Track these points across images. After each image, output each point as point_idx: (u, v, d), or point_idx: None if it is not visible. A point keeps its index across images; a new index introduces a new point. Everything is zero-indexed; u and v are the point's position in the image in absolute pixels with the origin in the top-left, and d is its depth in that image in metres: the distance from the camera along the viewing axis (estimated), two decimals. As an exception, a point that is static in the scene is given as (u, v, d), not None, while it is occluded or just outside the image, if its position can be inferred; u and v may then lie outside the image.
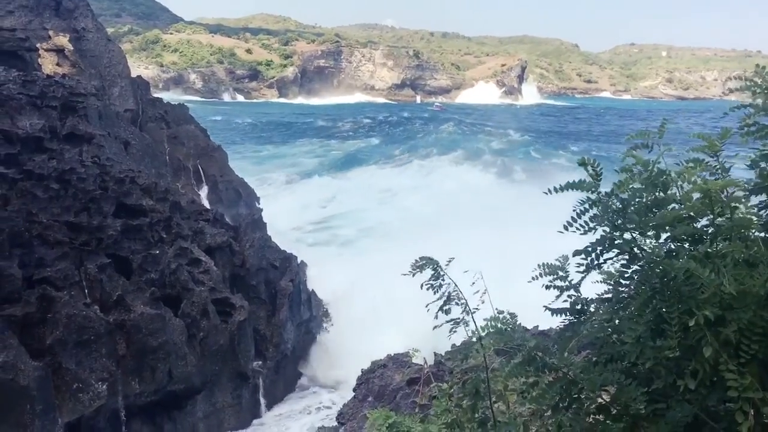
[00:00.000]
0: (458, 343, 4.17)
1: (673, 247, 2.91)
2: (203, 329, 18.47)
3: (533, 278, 3.31)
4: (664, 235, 2.92)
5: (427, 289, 3.74)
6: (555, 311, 3.27)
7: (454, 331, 3.82)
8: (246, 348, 19.91)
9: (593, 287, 3.18)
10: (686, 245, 2.91)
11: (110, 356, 15.99)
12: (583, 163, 3.07)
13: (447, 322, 3.81)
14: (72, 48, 33.69)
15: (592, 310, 3.21)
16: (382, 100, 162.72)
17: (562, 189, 3.10)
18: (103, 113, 26.08)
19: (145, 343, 16.70)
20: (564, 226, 3.05)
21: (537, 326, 8.97)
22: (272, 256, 23.07)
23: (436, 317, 3.66)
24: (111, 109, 27.72)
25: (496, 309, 3.67)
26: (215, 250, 21.30)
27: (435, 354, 9.45)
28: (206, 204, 27.40)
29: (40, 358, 14.81)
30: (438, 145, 67.87)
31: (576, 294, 3.27)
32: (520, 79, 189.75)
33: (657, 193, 2.93)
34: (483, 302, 3.82)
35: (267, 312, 21.97)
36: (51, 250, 16.79)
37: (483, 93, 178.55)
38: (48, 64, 32.99)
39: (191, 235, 20.91)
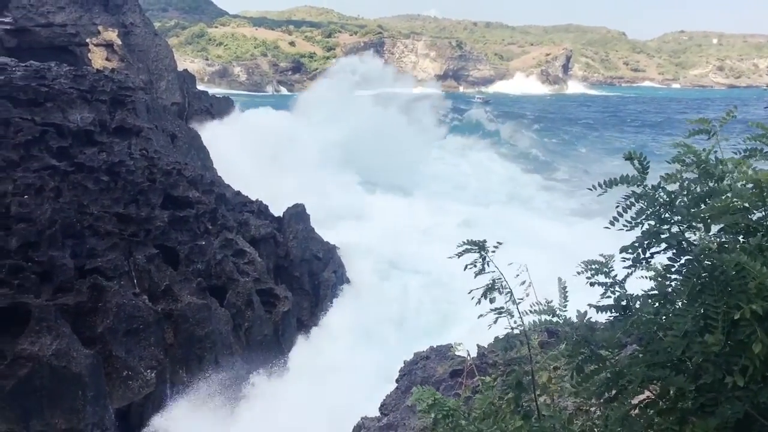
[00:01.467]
0: (501, 335, 4.14)
1: (723, 239, 2.84)
2: (248, 319, 18.74)
3: (578, 273, 3.27)
4: (714, 228, 2.85)
5: (474, 274, 3.72)
6: (600, 308, 3.22)
7: (496, 321, 3.79)
8: (290, 338, 20.15)
9: (639, 283, 3.12)
10: (738, 238, 2.83)
11: (158, 345, 16.36)
12: (629, 158, 3.01)
13: (491, 311, 3.79)
14: (120, 43, 34.41)
15: (638, 306, 3.15)
16: (429, 90, 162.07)
17: (608, 185, 3.05)
18: (150, 106, 26.56)
19: (192, 332, 17.02)
20: (610, 221, 3.01)
21: (589, 318, 8.83)
22: (315, 248, 23.27)
23: (479, 303, 3.64)
24: (158, 103, 28.23)
25: (538, 302, 3.63)
26: (259, 242, 21.58)
27: (478, 346, 9.42)
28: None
29: (91, 346, 15.23)
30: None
31: (621, 290, 3.21)
32: (565, 68, 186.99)
33: (710, 184, 2.86)
34: (527, 295, 3.78)
35: (310, 303, 22.18)
36: (101, 240, 17.23)
37: (526, 83, 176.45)
38: (97, 59, 33.77)
39: (236, 227, 21.22)
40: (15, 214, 16.78)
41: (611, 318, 3.18)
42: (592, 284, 3.24)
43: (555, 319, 3.45)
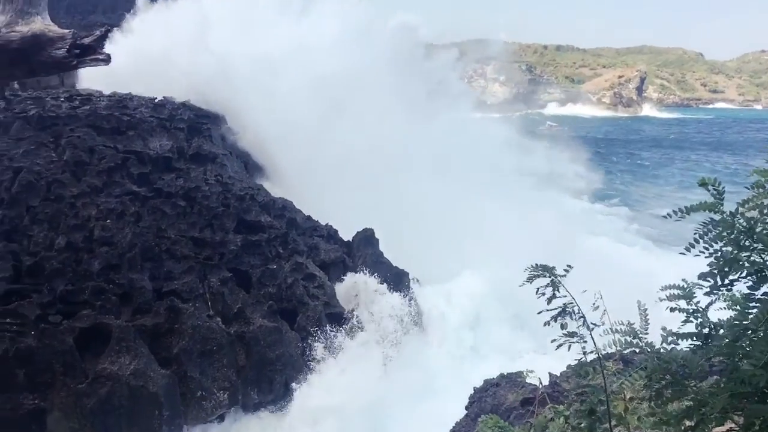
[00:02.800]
0: (574, 363, 4.04)
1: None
2: (318, 343, 18.88)
3: (659, 300, 3.19)
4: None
5: (547, 300, 3.67)
6: (680, 336, 3.12)
7: (569, 348, 3.72)
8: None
9: (720, 312, 3.02)
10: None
11: (231, 366, 16.67)
12: (703, 183, 2.94)
13: (562, 335, 3.72)
14: (198, 73, 35.58)
15: (720, 334, 3.04)
16: (495, 115, 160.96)
17: (683, 212, 2.98)
18: (224, 133, 27.41)
19: (263, 354, 17.28)
20: (686, 247, 2.93)
21: (673, 348, 8.52)
22: (384, 272, 23.31)
23: (547, 324, 3.58)
24: (232, 129, 29.03)
25: (620, 321, 3.54)
26: (329, 266, 21.79)
27: (550, 374, 9.22)
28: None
29: (167, 367, 15.66)
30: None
31: (703, 318, 3.11)
32: (639, 90, 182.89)
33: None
34: (603, 323, 3.71)
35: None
36: (178, 264, 17.77)
37: (598, 106, 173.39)
38: (176, 89, 35.01)
39: (306, 251, 21.51)
40: (98, 237, 17.54)
41: (692, 346, 3.08)
42: (672, 310, 3.15)
43: (636, 341, 3.36)
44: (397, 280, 23.48)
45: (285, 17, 37.41)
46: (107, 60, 5.06)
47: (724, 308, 2.99)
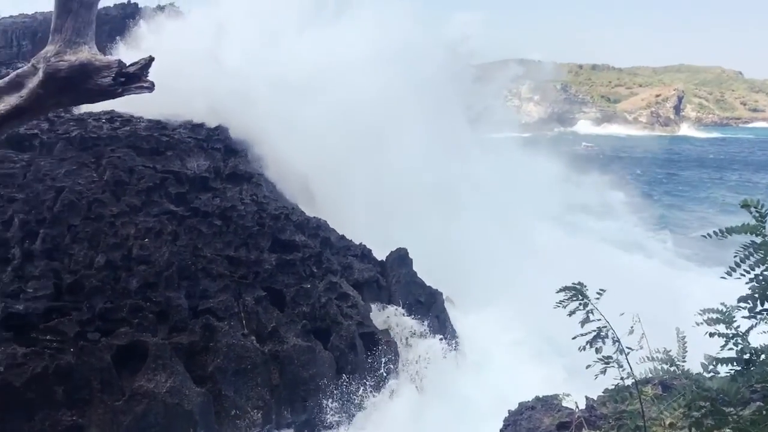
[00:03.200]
0: (611, 386, 3.98)
1: None
2: (351, 362, 18.86)
3: (697, 324, 3.14)
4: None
5: (581, 323, 3.63)
6: (720, 361, 3.06)
7: (604, 372, 3.67)
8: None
9: (762, 337, 2.95)
10: None
11: (265, 385, 16.73)
12: (745, 205, 2.89)
13: (598, 361, 3.67)
14: (234, 94, 36.02)
15: (762, 358, 2.97)
16: (526, 134, 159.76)
17: (723, 233, 2.93)
18: (260, 153, 27.70)
19: (297, 374, 17.31)
20: (727, 271, 2.88)
21: (713, 375, 8.36)
22: (417, 292, 23.24)
23: (582, 349, 3.54)
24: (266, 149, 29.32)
25: (657, 349, 3.49)
26: (363, 285, 21.82)
27: (586, 398, 9.07)
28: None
29: (202, 385, 15.78)
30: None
31: (743, 342, 3.05)
32: (677, 109, 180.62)
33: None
34: (641, 347, 3.66)
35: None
36: (213, 282, 17.97)
37: (635, 126, 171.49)
38: (214, 110, 35.51)
39: (340, 270, 21.58)
40: (136, 256, 17.83)
41: (732, 371, 3.02)
42: (711, 335, 3.09)
43: (673, 369, 3.31)
44: (430, 300, 23.39)
45: (312, 29, 34.73)
46: (151, 87, 5.21)
47: (767, 332, 2.94)
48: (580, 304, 3.62)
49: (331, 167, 28.65)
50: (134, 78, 5.18)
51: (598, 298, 3.65)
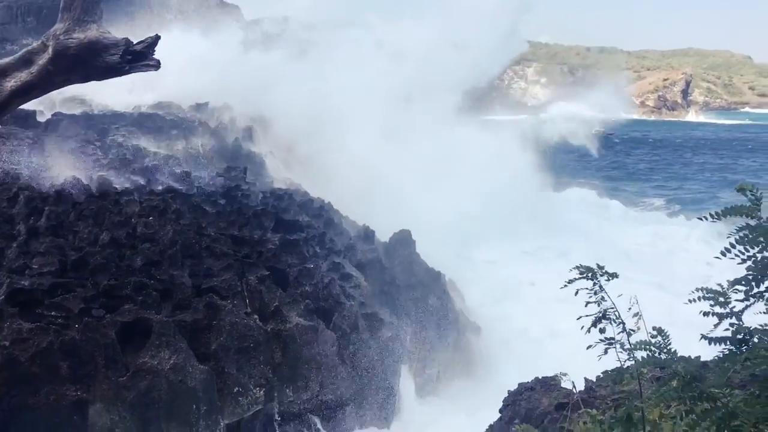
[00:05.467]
0: (608, 368, 4.04)
1: None
2: (353, 342, 19.01)
3: (690, 301, 3.19)
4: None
5: (586, 303, 3.68)
6: (713, 340, 3.11)
7: (606, 352, 3.72)
8: (393, 364, 20.25)
9: (757, 317, 3.00)
10: None
11: (267, 363, 16.87)
12: (741, 189, 2.94)
13: (600, 341, 3.72)
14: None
15: (755, 340, 3.02)
16: (530, 116, 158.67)
17: (718, 215, 2.98)
18: (263, 132, 27.74)
19: (299, 352, 17.46)
20: (721, 252, 2.93)
21: (699, 356, 8.47)
22: (420, 273, 23.36)
23: (588, 332, 3.59)
24: (272, 129, 29.37)
25: (653, 328, 3.54)
26: (366, 266, 21.92)
27: (585, 379, 9.16)
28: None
29: (205, 362, 15.93)
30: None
31: (738, 323, 3.09)
32: (685, 94, 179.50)
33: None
34: (638, 329, 3.70)
35: (414, 329, 22.23)
36: (217, 261, 18.06)
37: (641, 109, 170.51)
38: (218, 89, 35.58)
39: (343, 251, 21.67)
40: (140, 234, 17.93)
41: (724, 350, 3.07)
42: (705, 314, 3.14)
43: (663, 356, 3.36)
44: (433, 280, 23.50)
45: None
46: (157, 66, 5.28)
47: (764, 312, 2.98)
48: (594, 284, 3.66)
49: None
50: (141, 56, 5.24)
51: (608, 280, 3.69)
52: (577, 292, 3.68)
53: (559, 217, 39.85)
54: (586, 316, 3.69)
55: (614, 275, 3.70)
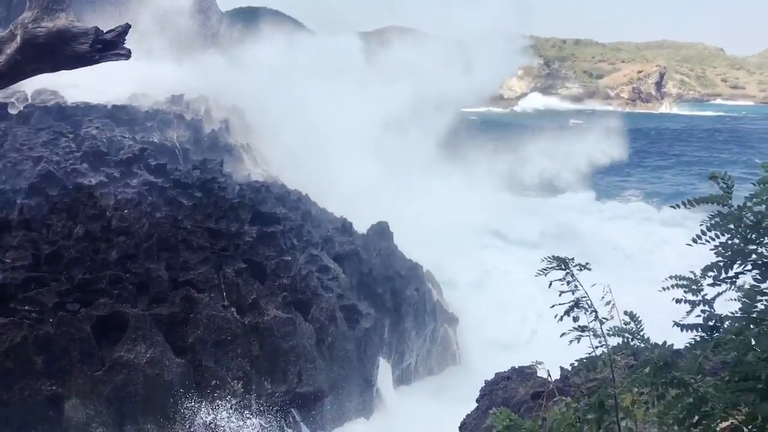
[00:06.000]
0: (583, 356, 4.08)
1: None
2: (331, 334, 19.02)
3: (663, 289, 3.22)
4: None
5: (558, 290, 3.71)
6: (685, 327, 3.16)
7: (579, 340, 3.76)
8: (372, 355, 20.30)
9: (728, 304, 3.05)
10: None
11: (245, 356, 16.82)
12: (713, 177, 2.99)
13: (574, 329, 3.76)
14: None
15: (726, 326, 3.07)
16: (504, 110, 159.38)
17: (691, 203, 3.02)
18: (241, 126, 27.56)
19: (277, 345, 17.43)
20: (693, 239, 2.97)
21: (672, 345, 8.57)
22: (398, 265, 23.41)
23: (561, 320, 3.62)
24: (248, 122, 29.19)
25: (624, 312, 3.58)
26: (343, 258, 21.91)
27: (561, 368, 9.25)
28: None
29: (182, 356, 15.85)
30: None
31: (709, 309, 3.14)
32: (659, 86, 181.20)
33: (799, 208, 2.78)
34: (612, 317, 3.74)
35: (392, 320, 22.30)
36: (194, 254, 17.95)
37: (616, 101, 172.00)
38: (194, 81, 35.30)
39: (321, 243, 21.64)
40: (115, 227, 17.75)
41: (696, 337, 3.12)
42: (677, 301, 3.19)
43: (635, 343, 3.40)
44: (411, 273, 23.56)
45: None
46: (128, 55, 5.20)
47: (734, 299, 3.02)
48: (566, 274, 3.69)
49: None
50: (111, 45, 5.16)
51: (580, 270, 3.72)
52: (551, 284, 3.72)
53: (542, 213, 40.44)
54: (560, 304, 3.72)
55: (585, 266, 3.74)
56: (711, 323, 3.13)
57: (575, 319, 3.71)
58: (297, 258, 19.79)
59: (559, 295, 3.75)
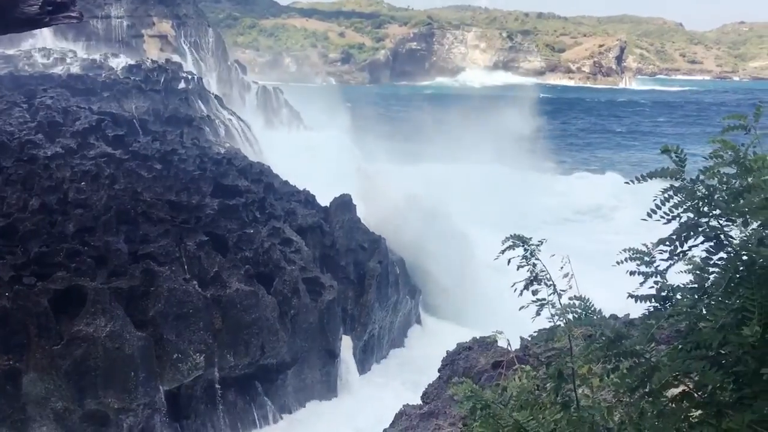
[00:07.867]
0: (544, 327, 4.18)
1: (764, 234, 2.84)
2: (294, 307, 19.03)
3: (618, 263, 3.30)
4: (755, 224, 2.85)
5: (517, 266, 3.77)
6: (639, 298, 3.24)
7: (539, 314, 3.83)
8: (335, 327, 20.39)
9: (680, 276, 3.13)
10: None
11: (207, 329, 16.76)
12: (666, 150, 3.04)
13: (533, 302, 3.83)
14: (174, 34, 35.15)
15: (678, 297, 3.16)
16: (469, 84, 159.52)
17: (644, 178, 3.08)
18: (202, 96, 27.12)
19: (239, 318, 17.39)
20: (648, 213, 3.03)
21: (628, 314, 8.83)
22: (361, 238, 23.44)
23: (521, 295, 3.69)
24: (210, 93, 28.73)
25: (574, 297, 3.66)
26: (306, 231, 21.85)
27: (521, 338, 9.42)
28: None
29: (143, 329, 15.72)
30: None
31: (662, 281, 3.23)
32: (619, 60, 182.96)
33: (749, 180, 2.85)
34: (570, 287, 3.81)
35: (355, 292, 22.39)
36: (154, 227, 17.72)
37: (578, 75, 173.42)
38: (152, 50, 34.57)
39: (283, 216, 21.54)
40: (72, 200, 17.41)
41: (649, 308, 3.20)
42: (631, 273, 3.26)
43: (589, 317, 3.48)
44: (373, 246, 23.61)
45: None
46: (80, 18, 5.06)
47: (685, 272, 3.10)
48: (522, 252, 3.75)
49: None
50: (62, 7, 5.00)
51: (538, 246, 3.78)
52: (509, 261, 3.77)
53: (508, 191, 40.64)
54: (521, 281, 3.79)
55: (542, 241, 3.82)
56: (663, 294, 3.22)
57: (534, 293, 3.78)
58: (259, 231, 19.68)
59: (517, 270, 3.82)
